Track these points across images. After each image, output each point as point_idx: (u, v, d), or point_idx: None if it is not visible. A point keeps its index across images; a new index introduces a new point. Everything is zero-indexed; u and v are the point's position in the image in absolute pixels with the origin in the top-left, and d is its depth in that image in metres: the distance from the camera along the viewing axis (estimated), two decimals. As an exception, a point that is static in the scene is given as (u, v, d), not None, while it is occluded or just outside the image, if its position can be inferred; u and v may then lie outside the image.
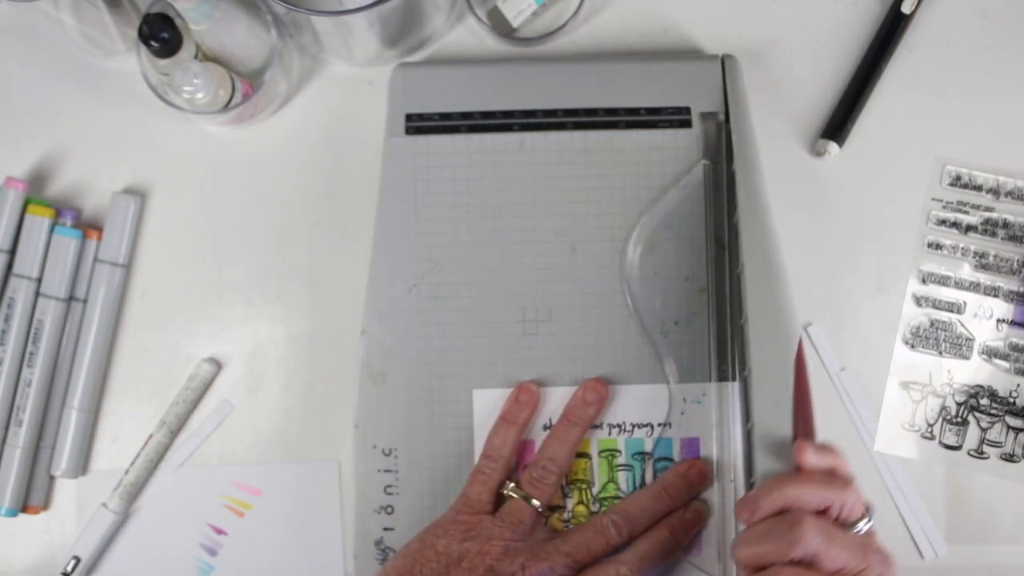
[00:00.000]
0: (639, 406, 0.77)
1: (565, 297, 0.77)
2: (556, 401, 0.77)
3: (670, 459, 0.76)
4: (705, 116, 0.78)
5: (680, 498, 0.74)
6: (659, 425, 0.77)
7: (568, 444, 0.75)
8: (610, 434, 0.77)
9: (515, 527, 0.71)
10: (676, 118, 0.78)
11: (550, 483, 0.73)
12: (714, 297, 0.76)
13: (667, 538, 0.73)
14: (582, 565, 0.71)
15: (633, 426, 0.77)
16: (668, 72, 0.79)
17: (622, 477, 0.77)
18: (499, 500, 0.74)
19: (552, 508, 0.76)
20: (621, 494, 0.76)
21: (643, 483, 0.77)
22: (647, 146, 0.78)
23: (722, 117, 0.78)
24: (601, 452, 0.77)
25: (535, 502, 0.73)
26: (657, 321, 0.76)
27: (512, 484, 0.74)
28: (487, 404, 0.77)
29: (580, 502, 0.77)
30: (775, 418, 0.69)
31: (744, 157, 0.75)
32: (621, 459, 0.77)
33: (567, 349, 0.77)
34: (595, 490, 0.77)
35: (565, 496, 0.76)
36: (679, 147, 0.78)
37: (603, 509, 0.76)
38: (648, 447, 0.77)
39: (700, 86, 0.79)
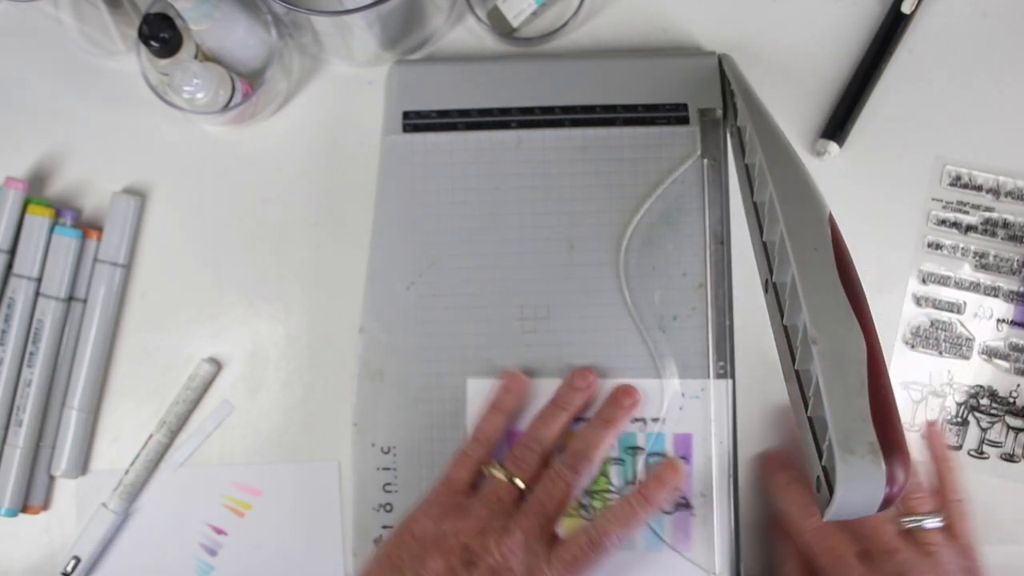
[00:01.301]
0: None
1: (563, 294, 0.77)
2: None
3: (662, 454, 0.76)
4: (703, 112, 0.78)
5: (620, 419, 0.75)
6: (653, 420, 0.76)
7: (554, 426, 0.74)
8: None
9: (494, 506, 0.71)
10: (673, 115, 0.78)
11: (533, 463, 0.73)
12: (712, 293, 0.77)
13: (638, 498, 0.72)
14: (554, 520, 0.70)
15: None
16: (665, 69, 0.79)
17: (614, 471, 0.76)
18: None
19: None
20: (612, 488, 0.76)
21: (635, 478, 0.77)
22: (644, 143, 0.78)
23: (719, 113, 0.78)
24: None
25: (517, 481, 0.72)
26: (655, 317, 0.76)
27: (494, 463, 0.73)
28: (484, 399, 0.76)
29: None
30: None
31: (772, 150, 0.69)
32: (613, 453, 0.77)
33: (565, 346, 0.77)
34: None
35: None
36: (676, 143, 0.78)
37: (593, 502, 0.76)
38: (640, 442, 0.77)
39: (697, 82, 0.79)
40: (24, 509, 0.79)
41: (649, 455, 0.76)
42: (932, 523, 0.71)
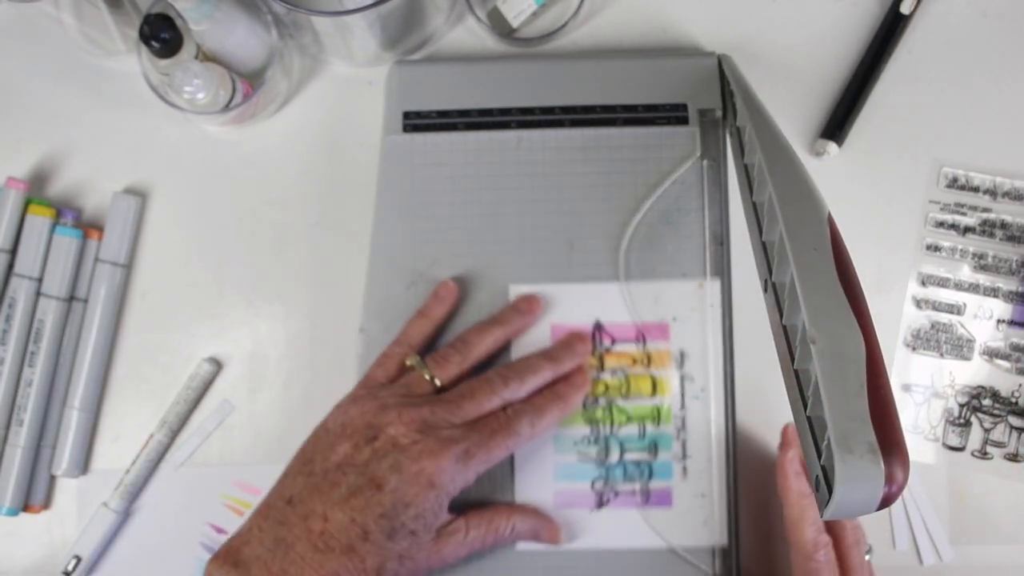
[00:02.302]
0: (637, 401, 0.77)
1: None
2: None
3: (656, 445, 0.76)
4: (702, 112, 0.78)
5: (566, 360, 0.75)
6: (679, 429, 0.76)
7: (486, 337, 0.74)
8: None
9: (404, 391, 0.70)
10: (673, 115, 0.78)
11: (454, 362, 0.72)
12: (711, 293, 0.76)
13: (555, 392, 0.73)
14: (469, 415, 0.69)
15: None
16: (665, 69, 0.79)
17: (627, 429, 0.77)
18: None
19: None
20: (609, 430, 0.77)
21: (635, 443, 0.77)
22: (644, 143, 0.78)
23: (719, 113, 0.78)
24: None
25: (434, 378, 0.71)
26: (655, 317, 0.76)
27: (415, 356, 0.72)
28: None
29: None
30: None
31: (771, 150, 0.68)
32: (652, 428, 0.77)
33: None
34: None
35: None
36: (676, 144, 0.78)
37: (596, 410, 0.77)
38: (666, 427, 0.77)
39: (697, 83, 0.79)
40: (25, 508, 0.79)
41: (652, 438, 0.76)
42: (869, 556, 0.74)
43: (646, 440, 0.76)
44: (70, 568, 0.78)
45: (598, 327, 0.77)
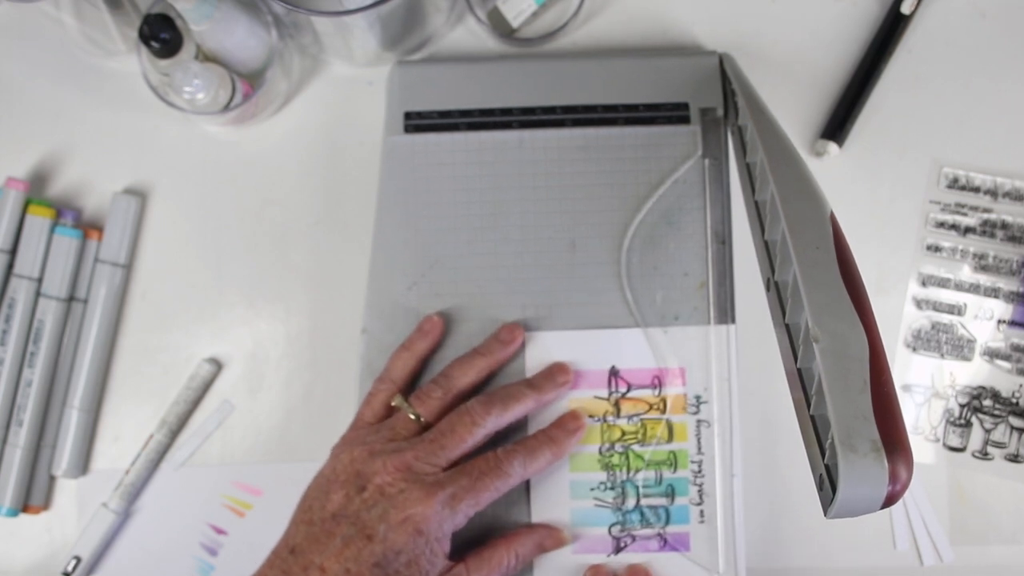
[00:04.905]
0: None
1: (565, 293, 0.77)
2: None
3: (672, 490, 0.76)
4: (704, 112, 0.78)
5: (550, 390, 0.75)
6: (698, 479, 0.76)
7: (469, 371, 0.74)
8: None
9: (390, 434, 0.71)
10: (675, 114, 0.78)
11: (436, 397, 0.72)
12: (714, 292, 0.76)
13: (548, 436, 0.73)
14: (452, 452, 0.69)
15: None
16: (666, 68, 0.79)
17: (642, 475, 0.76)
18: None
19: None
20: (624, 474, 0.76)
21: (648, 490, 0.76)
22: (646, 142, 0.78)
23: (720, 112, 0.78)
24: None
25: (419, 416, 0.71)
26: (657, 316, 0.76)
27: (399, 396, 0.73)
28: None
29: None
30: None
31: (773, 148, 0.68)
32: (670, 472, 0.76)
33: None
34: None
35: None
36: (678, 143, 0.78)
37: (613, 456, 0.76)
38: (681, 472, 0.76)
39: (698, 82, 0.79)
40: (25, 509, 0.79)
41: (669, 483, 0.76)
42: None
43: (663, 485, 0.76)
44: (70, 568, 0.78)
45: (614, 372, 0.77)
